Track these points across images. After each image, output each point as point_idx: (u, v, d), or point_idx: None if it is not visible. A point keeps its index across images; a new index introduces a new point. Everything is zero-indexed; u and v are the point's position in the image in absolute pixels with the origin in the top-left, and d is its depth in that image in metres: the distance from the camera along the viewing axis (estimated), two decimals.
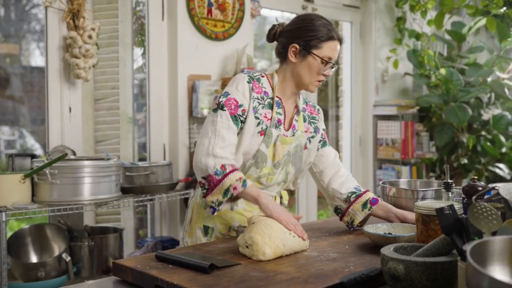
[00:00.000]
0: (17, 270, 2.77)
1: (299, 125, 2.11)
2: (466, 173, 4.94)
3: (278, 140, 2.01)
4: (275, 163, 2.02)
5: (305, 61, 1.99)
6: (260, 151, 1.98)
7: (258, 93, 2.01)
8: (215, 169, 1.86)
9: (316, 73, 2.00)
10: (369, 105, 4.93)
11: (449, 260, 1.30)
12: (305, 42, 1.98)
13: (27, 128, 5.98)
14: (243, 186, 1.86)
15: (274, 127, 2.02)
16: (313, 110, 2.23)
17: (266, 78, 2.07)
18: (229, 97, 1.96)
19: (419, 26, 5.02)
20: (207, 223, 2.07)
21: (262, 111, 2.00)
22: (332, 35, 1.98)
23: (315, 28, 1.98)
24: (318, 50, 1.97)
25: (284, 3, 4.39)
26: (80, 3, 3.06)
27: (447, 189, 1.73)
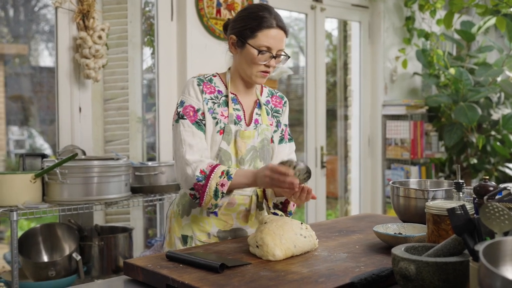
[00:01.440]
0: (28, 269, 2.79)
1: (263, 119, 2.07)
2: (475, 173, 4.92)
3: (238, 135, 1.98)
4: (239, 159, 1.99)
5: (243, 52, 1.95)
6: (222, 150, 1.96)
7: (210, 93, 1.98)
8: (195, 176, 1.85)
9: (254, 63, 1.94)
10: (378, 105, 4.92)
11: (461, 260, 1.30)
12: (239, 32, 1.95)
13: (36, 128, 6.01)
14: (228, 179, 1.84)
15: (233, 123, 1.99)
16: (279, 102, 2.17)
17: (218, 77, 2.05)
18: (185, 105, 1.95)
19: (428, 26, 5.00)
20: (185, 232, 2.03)
21: (219, 110, 1.98)
22: (268, 23, 1.91)
23: (250, 17, 1.93)
24: (253, 40, 1.92)
25: (292, 3, 4.39)
26: (90, 4, 3.08)
27: (458, 189, 1.72)
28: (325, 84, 4.67)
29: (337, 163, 5.37)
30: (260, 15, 1.92)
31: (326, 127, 4.71)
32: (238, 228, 2.04)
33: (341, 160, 5.35)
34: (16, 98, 5.71)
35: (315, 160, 4.58)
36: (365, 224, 2.20)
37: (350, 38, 5.10)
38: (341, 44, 5.34)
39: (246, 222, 2.06)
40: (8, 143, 5.81)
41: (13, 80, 5.83)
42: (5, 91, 5.71)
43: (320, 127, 4.62)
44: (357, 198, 5.08)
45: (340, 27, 5.33)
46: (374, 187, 5.00)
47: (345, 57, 5.26)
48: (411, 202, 2.05)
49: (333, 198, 5.56)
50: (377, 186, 4.98)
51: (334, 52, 5.83)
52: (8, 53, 5.83)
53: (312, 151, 4.56)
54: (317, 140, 4.59)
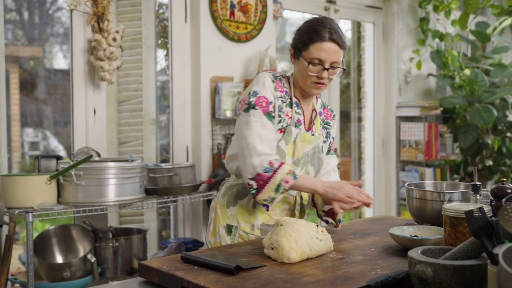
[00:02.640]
0: (43, 270, 2.81)
1: (317, 128, 2.15)
2: (491, 175, 4.87)
3: (298, 137, 2.04)
4: (294, 160, 2.04)
5: (298, 63, 2.03)
6: (279, 148, 2.01)
7: (280, 91, 2.04)
8: (262, 167, 1.90)
9: (306, 75, 2.01)
10: (392, 107, 4.89)
11: (479, 264, 1.28)
12: (295, 44, 2.03)
13: (50, 130, 6.05)
14: (294, 178, 1.90)
15: (294, 125, 2.05)
16: (329, 115, 2.25)
17: (286, 79, 2.11)
18: (259, 96, 1.99)
19: (443, 27, 4.97)
20: (230, 222, 2.08)
21: (285, 110, 2.04)
22: (320, 36, 1.96)
23: (306, 30, 2.00)
24: (306, 52, 1.98)
25: (306, 5, 4.38)
26: (105, 6, 3.09)
27: (475, 192, 1.70)
28: (339, 86, 4.65)
29: (351, 165, 5.35)
30: (314, 29, 1.97)
31: (340, 129, 4.68)
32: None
33: (355, 162, 5.32)
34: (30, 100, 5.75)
35: None
36: (380, 226, 2.19)
37: (364, 39, 5.08)
38: (354, 45, 5.32)
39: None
40: (22, 144, 5.85)
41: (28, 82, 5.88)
42: (19, 93, 5.76)
43: None
44: None
45: (353, 28, 5.31)
46: (388, 189, 4.97)
47: (359, 58, 5.24)
48: (427, 204, 2.03)
49: None
50: (391, 188, 4.95)
51: (347, 53, 5.81)
52: (23, 55, 5.88)
53: None
54: None
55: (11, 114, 5.47)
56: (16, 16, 5.76)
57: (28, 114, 5.73)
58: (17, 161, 5.74)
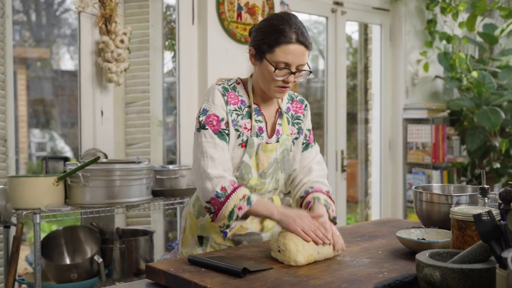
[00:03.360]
0: (50, 271, 2.82)
1: (284, 129, 2.01)
2: (498, 178, 4.85)
3: (260, 148, 1.92)
4: (260, 173, 1.94)
5: (261, 65, 1.87)
6: (244, 163, 1.91)
7: (234, 104, 1.91)
8: (214, 192, 1.79)
9: (271, 79, 1.85)
10: (399, 109, 4.88)
11: (487, 267, 1.28)
12: (258, 45, 1.86)
13: (57, 131, 6.07)
14: (248, 204, 1.79)
15: (255, 136, 1.93)
16: (299, 107, 2.09)
17: (241, 85, 1.97)
18: (209, 114, 1.88)
19: (450, 29, 4.95)
20: (201, 233, 2.00)
21: (242, 122, 1.91)
22: (286, 38, 1.80)
23: (269, 30, 1.83)
24: (271, 55, 1.82)
25: (313, 7, 4.38)
26: (113, 8, 3.10)
27: (483, 195, 1.70)
28: (346, 88, 4.65)
29: (358, 166, 5.34)
30: (279, 29, 1.81)
31: (347, 131, 4.68)
32: (253, 232, 2.03)
33: (362, 163, 5.32)
34: (38, 101, 5.78)
35: (336, 164, 4.56)
36: (387, 229, 2.18)
37: (371, 41, 5.07)
38: (361, 47, 5.32)
39: (261, 228, 2.05)
40: (29, 145, 5.88)
41: (35, 83, 5.91)
42: (27, 94, 5.79)
43: (341, 131, 4.60)
44: (378, 202, 5.04)
45: (360, 30, 5.30)
46: (394, 192, 4.96)
47: (366, 60, 5.24)
48: (434, 207, 2.02)
49: (353, 202, 5.53)
50: (398, 191, 4.94)
51: (354, 55, 5.80)
52: (31, 57, 5.91)
53: (333, 155, 4.54)
54: (337, 143, 4.57)
55: (19, 115, 5.50)
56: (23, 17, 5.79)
57: (35, 115, 5.76)
58: (24, 162, 5.77)
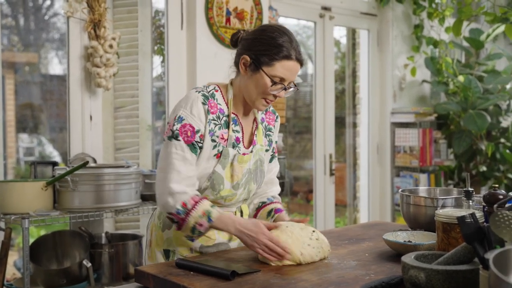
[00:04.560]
0: (39, 277, 2.81)
1: (258, 139, 1.99)
2: (485, 181, 4.91)
3: (235, 160, 1.88)
4: (234, 185, 1.90)
5: (254, 76, 1.83)
6: (216, 173, 1.86)
7: (213, 113, 1.85)
8: (175, 208, 1.77)
9: (263, 92, 1.83)
10: (387, 113, 4.92)
11: (471, 269, 1.30)
12: (256, 56, 1.81)
13: (45, 135, 6.05)
14: (208, 221, 1.77)
15: (232, 146, 1.89)
16: (271, 119, 2.08)
17: (220, 92, 1.91)
18: (184, 123, 1.81)
19: (437, 34, 5.01)
20: (167, 247, 1.95)
21: (219, 132, 1.86)
22: (288, 54, 1.80)
23: (271, 43, 1.80)
24: (269, 68, 1.80)
25: (301, 12, 4.41)
26: (101, 13, 3.11)
27: (467, 197, 1.72)
28: (334, 92, 4.68)
29: (346, 170, 5.38)
30: (280, 43, 1.80)
31: (335, 135, 4.71)
32: (221, 242, 1.97)
33: (350, 167, 5.35)
34: (26, 106, 5.76)
35: (324, 168, 4.59)
36: (374, 232, 2.20)
37: (359, 46, 5.11)
38: (349, 51, 5.36)
39: (229, 238, 1.99)
40: (18, 150, 5.85)
41: (23, 88, 5.89)
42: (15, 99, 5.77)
43: (329, 135, 4.63)
44: (366, 206, 5.08)
45: (348, 35, 5.34)
46: (383, 195, 5.00)
47: (354, 64, 5.28)
48: (420, 210, 2.05)
49: (342, 206, 5.56)
50: (386, 194, 4.97)
51: (342, 59, 5.85)
52: (19, 61, 5.89)
53: (321, 159, 4.57)
54: (325, 147, 4.60)
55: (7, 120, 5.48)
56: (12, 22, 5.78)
57: (23, 120, 5.74)
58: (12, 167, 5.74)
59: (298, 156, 6.13)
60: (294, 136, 6.08)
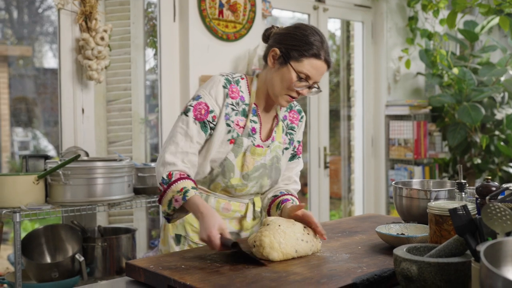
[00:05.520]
0: (31, 271, 2.80)
1: (277, 136, 2.01)
2: (479, 173, 4.91)
3: (248, 150, 1.91)
4: (243, 174, 1.92)
5: (281, 69, 1.86)
6: (228, 160, 1.89)
7: (233, 98, 1.90)
8: (161, 177, 1.81)
9: (287, 87, 1.86)
10: (381, 105, 4.91)
11: (463, 261, 1.30)
12: (286, 49, 1.85)
13: (40, 129, 6.03)
14: (183, 199, 1.76)
15: (247, 136, 1.91)
16: (295, 118, 2.09)
17: (245, 81, 1.96)
18: (200, 101, 1.87)
19: (431, 26, 4.99)
20: (179, 232, 1.99)
21: (235, 118, 1.90)
22: (317, 53, 1.83)
23: (303, 39, 1.83)
24: (297, 63, 1.83)
25: (295, 4, 4.39)
26: (93, 5, 3.08)
27: (460, 190, 1.71)
28: (328, 85, 4.67)
29: (341, 163, 5.37)
30: (312, 41, 1.83)
31: (330, 128, 4.70)
32: (232, 232, 2.00)
33: (345, 160, 5.34)
34: (20, 100, 5.73)
35: (318, 161, 4.58)
36: (368, 224, 2.20)
37: (353, 38, 5.10)
38: (344, 44, 5.34)
39: (240, 227, 2.03)
40: (12, 144, 5.83)
41: (17, 81, 5.86)
42: (9, 92, 5.74)
43: (323, 128, 4.61)
44: (361, 199, 5.08)
45: (342, 27, 5.32)
46: (377, 188, 5.00)
47: (348, 57, 5.26)
48: (413, 203, 2.04)
49: (337, 199, 5.56)
50: (381, 187, 4.97)
51: (337, 52, 5.83)
52: (12, 54, 5.86)
53: (315, 152, 4.56)
54: (320, 140, 4.59)
55: (1, 114, 5.45)
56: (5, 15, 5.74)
57: (17, 114, 5.71)
58: (7, 161, 5.71)
59: None
60: None
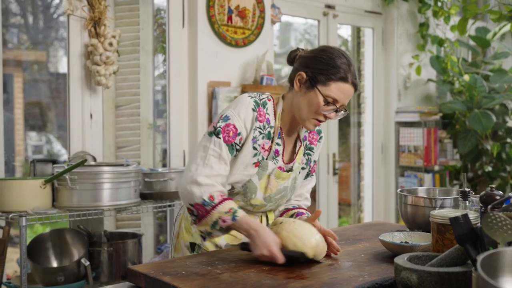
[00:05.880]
0: (37, 274, 2.81)
1: (298, 158, 2.00)
2: (490, 181, 4.85)
3: (273, 174, 1.90)
4: (266, 197, 1.92)
5: (308, 93, 1.84)
6: (251, 182, 1.88)
7: (261, 121, 1.87)
8: (201, 199, 1.76)
9: (315, 111, 1.84)
10: (391, 112, 4.89)
11: (464, 271, 1.28)
12: (313, 73, 1.82)
13: (54, 133, 6.06)
14: (232, 219, 1.75)
15: (271, 159, 1.90)
16: (314, 139, 2.08)
17: (272, 103, 1.93)
18: (229, 123, 1.83)
19: (442, 32, 4.96)
20: (194, 240, 1.96)
21: (262, 142, 1.88)
22: (344, 76, 1.80)
23: (329, 63, 1.81)
24: (324, 87, 1.81)
25: (304, 10, 4.38)
26: (102, 11, 3.10)
27: (464, 198, 1.69)
28: None
29: (350, 170, 5.34)
30: (338, 64, 1.81)
31: (340, 134, 4.68)
32: (246, 242, 1.99)
33: (354, 167, 5.31)
34: (34, 104, 5.77)
35: (328, 167, 4.56)
36: (372, 232, 2.18)
37: (363, 44, 5.08)
38: (354, 50, 5.32)
39: None
40: (26, 148, 5.87)
41: (32, 86, 5.90)
42: (23, 97, 5.78)
43: (333, 134, 4.60)
44: (370, 206, 5.04)
45: (353, 34, 5.31)
46: (387, 195, 4.96)
47: (358, 63, 5.24)
48: (418, 211, 2.02)
49: (346, 205, 5.52)
50: (390, 194, 4.93)
51: None
52: (27, 59, 5.90)
53: (325, 158, 4.54)
54: (329, 146, 4.57)
55: (15, 118, 5.49)
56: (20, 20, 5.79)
57: (32, 118, 5.75)
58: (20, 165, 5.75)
59: None
60: None
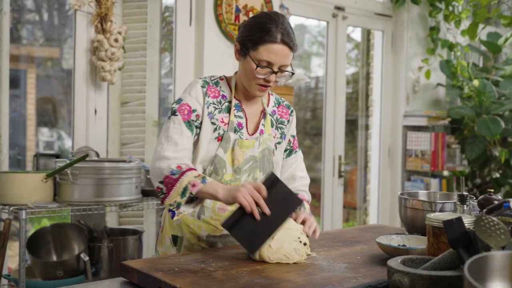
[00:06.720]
0: (36, 268, 2.81)
1: (266, 129, 2.01)
2: (498, 188, 4.81)
3: (236, 144, 1.92)
4: (235, 169, 1.93)
5: (244, 61, 1.89)
6: (218, 157, 1.90)
7: (214, 97, 1.93)
8: (170, 169, 1.79)
9: (252, 77, 1.87)
10: (399, 115, 4.85)
11: (456, 275, 1.25)
12: (243, 41, 1.87)
13: (65, 130, 6.09)
14: (202, 182, 1.76)
15: (233, 131, 1.93)
16: (285, 113, 2.10)
17: (225, 81, 2.00)
18: (182, 103, 1.90)
19: (453, 36, 4.92)
20: (175, 233, 1.99)
21: (219, 116, 1.93)
22: (272, 37, 1.81)
23: (256, 28, 1.84)
24: (254, 52, 1.84)
25: (313, 11, 4.36)
26: (108, 7, 3.11)
27: (461, 202, 1.67)
28: (345, 93, 4.62)
29: (357, 173, 5.31)
30: (265, 27, 1.82)
31: (347, 137, 4.65)
32: (229, 234, 1.98)
33: (361, 170, 5.28)
34: (46, 100, 5.80)
35: (333, 169, 4.54)
36: (370, 235, 2.16)
37: (373, 47, 5.05)
38: (364, 53, 5.29)
39: None
40: (37, 144, 5.90)
41: (44, 82, 5.93)
42: (36, 92, 5.81)
43: (339, 136, 4.57)
44: (376, 209, 5.01)
45: (362, 36, 5.28)
46: (393, 199, 4.93)
47: (367, 66, 5.21)
48: (418, 214, 2.00)
49: (352, 208, 5.49)
50: (396, 198, 4.88)
51: (356, 62, 5.78)
52: (41, 55, 5.93)
53: (330, 160, 4.52)
54: (335, 149, 4.54)
55: (27, 114, 5.52)
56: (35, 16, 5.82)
57: (44, 114, 5.78)
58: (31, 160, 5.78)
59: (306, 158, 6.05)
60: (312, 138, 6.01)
